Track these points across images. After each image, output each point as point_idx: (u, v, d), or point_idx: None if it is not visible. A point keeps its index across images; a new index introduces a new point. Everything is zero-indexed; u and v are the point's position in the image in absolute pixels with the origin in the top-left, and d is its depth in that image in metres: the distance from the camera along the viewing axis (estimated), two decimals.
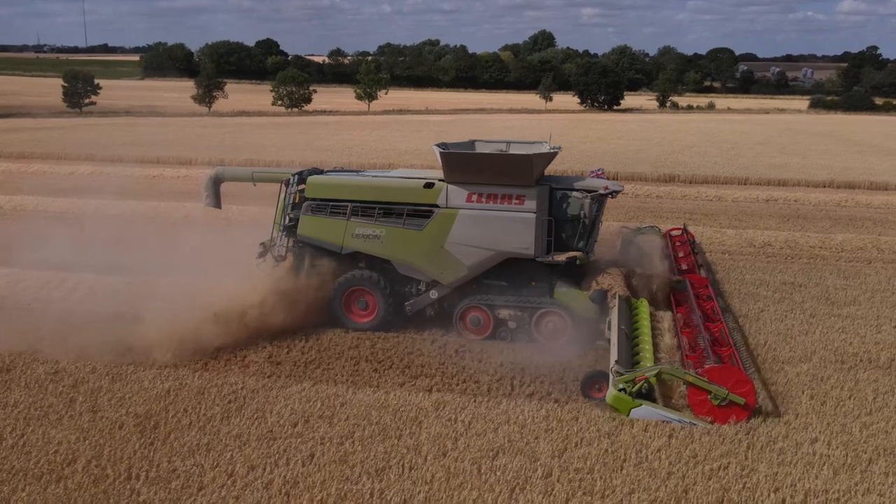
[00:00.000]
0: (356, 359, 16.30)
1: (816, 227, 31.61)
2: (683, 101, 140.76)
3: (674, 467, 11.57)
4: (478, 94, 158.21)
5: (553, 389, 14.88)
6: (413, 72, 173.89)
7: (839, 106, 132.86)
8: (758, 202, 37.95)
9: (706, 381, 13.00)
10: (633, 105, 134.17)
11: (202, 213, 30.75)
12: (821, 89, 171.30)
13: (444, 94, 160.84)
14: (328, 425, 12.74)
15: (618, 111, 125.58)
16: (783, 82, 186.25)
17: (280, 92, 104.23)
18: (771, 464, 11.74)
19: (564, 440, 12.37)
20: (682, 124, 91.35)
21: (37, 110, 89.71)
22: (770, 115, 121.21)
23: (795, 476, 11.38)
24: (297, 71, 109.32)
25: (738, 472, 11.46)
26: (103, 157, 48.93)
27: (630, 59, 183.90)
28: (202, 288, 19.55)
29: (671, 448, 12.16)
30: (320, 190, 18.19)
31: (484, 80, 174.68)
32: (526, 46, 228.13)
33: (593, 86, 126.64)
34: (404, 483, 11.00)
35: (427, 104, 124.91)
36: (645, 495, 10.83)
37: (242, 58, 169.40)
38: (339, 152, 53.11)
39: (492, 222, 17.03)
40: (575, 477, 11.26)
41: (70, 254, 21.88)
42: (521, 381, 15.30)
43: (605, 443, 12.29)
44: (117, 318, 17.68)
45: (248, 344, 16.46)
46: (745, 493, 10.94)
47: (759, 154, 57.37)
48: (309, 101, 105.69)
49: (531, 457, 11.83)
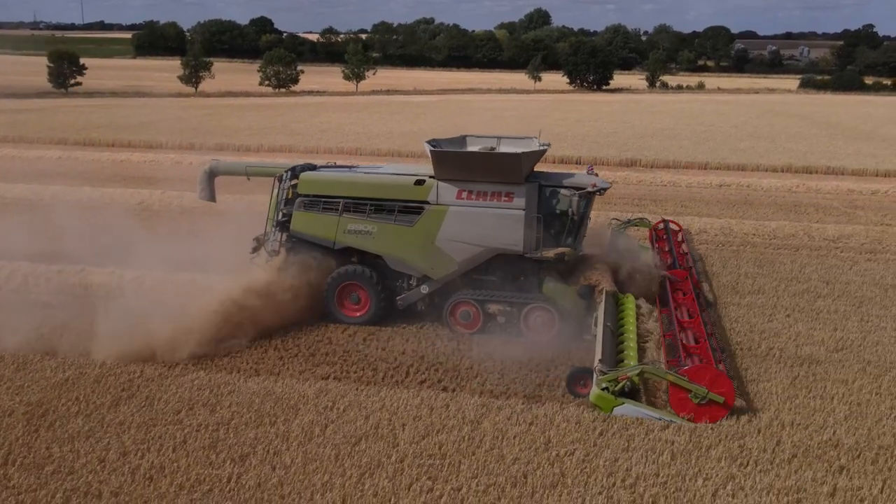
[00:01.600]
0: (265, 347, 16.93)
1: (757, 214, 32.21)
2: (674, 80, 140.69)
3: (522, 453, 12.32)
4: (469, 74, 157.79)
5: (444, 377, 15.60)
6: (406, 51, 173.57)
7: (829, 86, 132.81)
8: (710, 188, 38.52)
9: (687, 380, 13.40)
10: (623, 85, 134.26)
11: (157, 199, 31.80)
12: (814, 68, 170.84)
13: (436, 73, 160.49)
14: (209, 412, 13.49)
15: (607, 91, 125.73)
16: (777, 61, 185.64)
17: (267, 72, 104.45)
18: (615, 449, 12.48)
19: (428, 427, 13.10)
20: (665, 105, 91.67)
21: (23, 90, 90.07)
22: (759, 96, 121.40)
23: (633, 461, 12.13)
24: (284, 51, 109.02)
25: (581, 458, 12.20)
26: (76, 141, 49.53)
27: (624, 38, 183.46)
28: (129, 278, 20.44)
29: (528, 435, 12.90)
30: (313, 186, 18.59)
31: (477, 59, 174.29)
32: (522, 25, 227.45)
33: (582, 66, 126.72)
34: (263, 468, 11.77)
35: (416, 84, 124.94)
36: (485, 479, 11.59)
37: (234, 36, 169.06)
38: (312, 136, 53.60)
39: (481, 219, 17.46)
40: (425, 462, 12.01)
41: (14, 242, 22.53)
42: (416, 368, 15.97)
43: (466, 430, 13.03)
44: (42, 306, 18.48)
45: None
46: (580, 478, 11.68)
47: (728, 137, 57.87)
48: (296, 81, 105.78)
49: (391, 443, 12.58)
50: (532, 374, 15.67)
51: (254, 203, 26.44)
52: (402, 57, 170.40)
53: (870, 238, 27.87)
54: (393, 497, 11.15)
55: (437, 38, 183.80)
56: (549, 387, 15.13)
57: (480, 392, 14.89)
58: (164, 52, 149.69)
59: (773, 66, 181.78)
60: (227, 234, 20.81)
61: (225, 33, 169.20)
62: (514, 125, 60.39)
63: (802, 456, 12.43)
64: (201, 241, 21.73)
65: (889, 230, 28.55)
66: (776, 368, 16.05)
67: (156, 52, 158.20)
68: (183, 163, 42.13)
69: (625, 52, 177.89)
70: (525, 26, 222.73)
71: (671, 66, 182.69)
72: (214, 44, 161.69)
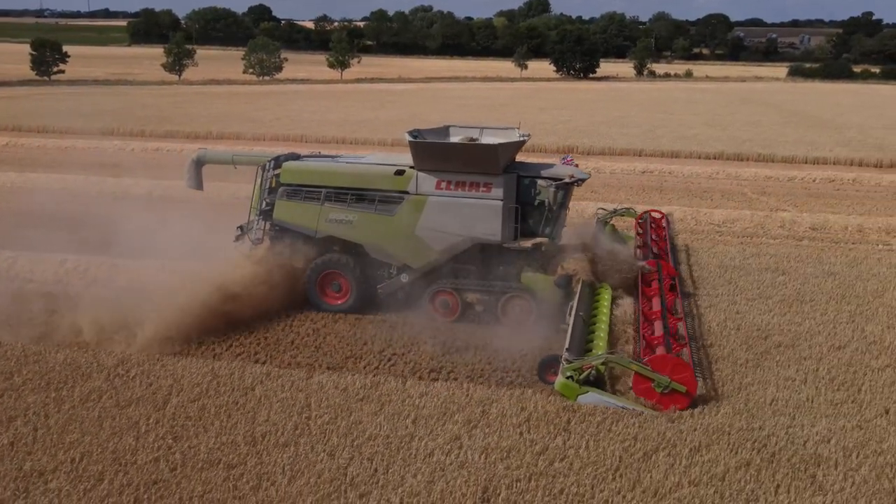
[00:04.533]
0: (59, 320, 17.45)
1: (660, 200, 32.81)
2: (664, 68, 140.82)
3: (276, 416, 13.28)
4: (460, 62, 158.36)
5: (260, 350, 16.49)
6: (400, 39, 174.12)
7: (817, 74, 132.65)
8: (632, 174, 39.30)
9: (650, 369, 13.67)
10: (612, 73, 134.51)
11: (80, 185, 32.80)
12: (809, 57, 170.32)
13: (428, 61, 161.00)
14: (3, 379, 14.54)
15: (592, 80, 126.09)
16: (773, 49, 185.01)
17: (251, 60, 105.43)
18: (363, 413, 13.44)
19: (201, 393, 14.08)
20: (640, 94, 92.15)
21: (7, 79, 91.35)
22: (744, 84, 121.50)
23: (374, 423, 13.08)
24: (267, 39, 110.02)
25: (327, 420, 13.15)
26: (29, 128, 50.71)
27: (619, 26, 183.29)
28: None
29: (292, 401, 13.83)
30: (295, 175, 18.82)
31: (471, 47, 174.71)
32: (521, 12, 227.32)
33: (568, 53, 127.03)
34: (25, 429, 12.78)
35: (404, 73, 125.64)
36: (224, 438, 12.57)
37: (229, 24, 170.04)
38: (265, 123, 54.50)
39: (460, 209, 17.60)
40: (180, 423, 13.01)
41: None
42: (240, 343, 16.80)
43: (237, 395, 14.01)
44: None
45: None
46: (315, 436, 12.63)
47: (681, 125, 58.48)
48: (280, 69, 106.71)
49: (158, 406, 13.56)
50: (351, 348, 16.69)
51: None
52: (395, 45, 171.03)
53: (753, 223, 28.56)
54: (131, 454, 12.13)
55: (434, 27, 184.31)
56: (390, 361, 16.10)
57: (289, 364, 15.83)
58: (159, 39, 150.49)
59: (768, 55, 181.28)
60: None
61: (220, 21, 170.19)
62: (474, 113, 61.32)
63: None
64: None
65: (773, 215, 29.21)
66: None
67: (150, 40, 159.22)
68: (125, 149, 43.30)
69: (619, 39, 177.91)
70: (524, 14, 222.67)
71: (666, 53, 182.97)
72: (209, 31, 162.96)
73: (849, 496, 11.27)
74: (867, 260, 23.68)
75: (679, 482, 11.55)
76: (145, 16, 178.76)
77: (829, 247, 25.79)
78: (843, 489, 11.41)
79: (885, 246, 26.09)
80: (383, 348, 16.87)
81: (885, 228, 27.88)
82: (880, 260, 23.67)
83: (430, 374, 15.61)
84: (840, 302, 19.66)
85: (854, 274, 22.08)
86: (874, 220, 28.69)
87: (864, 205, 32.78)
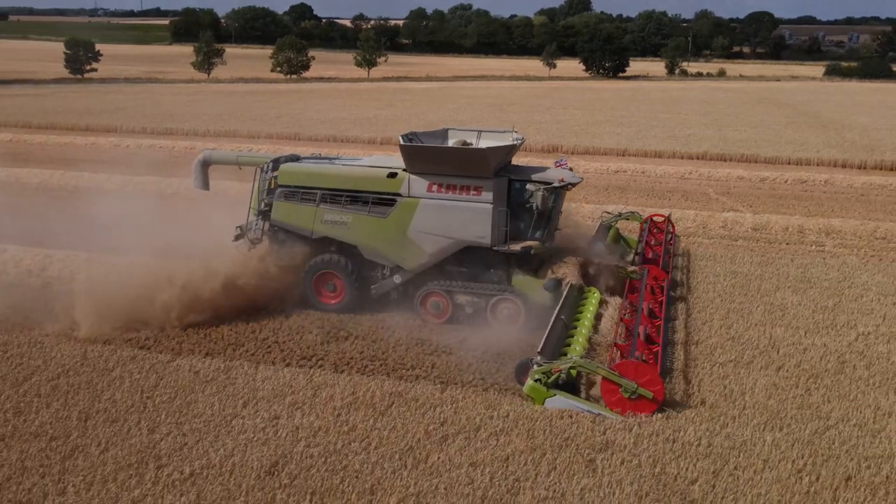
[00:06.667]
0: None
1: (616, 199, 33.20)
2: (695, 67, 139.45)
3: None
4: (493, 61, 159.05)
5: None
6: (435, 37, 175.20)
7: (855, 73, 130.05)
8: (605, 174, 39.59)
9: (617, 375, 13.75)
10: (642, 72, 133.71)
11: (58, 180, 34.39)
12: (853, 55, 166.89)
13: (461, 60, 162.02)
14: None
15: (621, 79, 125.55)
16: (816, 48, 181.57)
17: (279, 59, 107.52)
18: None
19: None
20: (660, 93, 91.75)
21: (41, 77, 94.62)
22: (776, 84, 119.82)
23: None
24: (295, 38, 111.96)
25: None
26: (40, 125, 52.89)
27: (657, 24, 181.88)
28: None
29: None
30: (292, 177, 19.27)
31: (507, 45, 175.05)
32: (562, 11, 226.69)
33: (598, 52, 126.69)
34: None
35: (433, 71, 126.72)
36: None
37: (268, 23, 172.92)
38: (265, 122, 55.92)
39: (451, 212, 17.84)
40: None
41: None
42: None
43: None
44: None
45: None
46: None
47: (680, 125, 58.40)
48: (307, 67, 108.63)
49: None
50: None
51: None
52: (430, 44, 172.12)
53: (696, 223, 28.77)
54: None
55: (469, 26, 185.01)
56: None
57: (171, 350, 16.72)
58: (196, 38, 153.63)
59: (811, 53, 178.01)
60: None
61: (259, 20, 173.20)
62: (479, 112, 62.09)
63: None
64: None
65: (717, 215, 29.37)
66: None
67: (190, 39, 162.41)
68: (121, 146, 45.03)
69: (658, 38, 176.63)
70: (565, 12, 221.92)
71: (706, 52, 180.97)
72: (248, 30, 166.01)
73: (623, 478, 11.80)
74: (780, 260, 23.86)
75: (460, 463, 12.24)
76: (186, 15, 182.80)
77: (761, 247, 26.00)
78: (615, 471, 11.96)
79: (818, 247, 26.20)
80: (267, 336, 17.71)
81: (826, 229, 27.90)
82: (792, 260, 23.82)
83: (300, 362, 16.35)
84: (724, 300, 20.00)
85: (756, 273, 22.34)
86: (817, 222, 28.68)
87: (822, 206, 32.73)
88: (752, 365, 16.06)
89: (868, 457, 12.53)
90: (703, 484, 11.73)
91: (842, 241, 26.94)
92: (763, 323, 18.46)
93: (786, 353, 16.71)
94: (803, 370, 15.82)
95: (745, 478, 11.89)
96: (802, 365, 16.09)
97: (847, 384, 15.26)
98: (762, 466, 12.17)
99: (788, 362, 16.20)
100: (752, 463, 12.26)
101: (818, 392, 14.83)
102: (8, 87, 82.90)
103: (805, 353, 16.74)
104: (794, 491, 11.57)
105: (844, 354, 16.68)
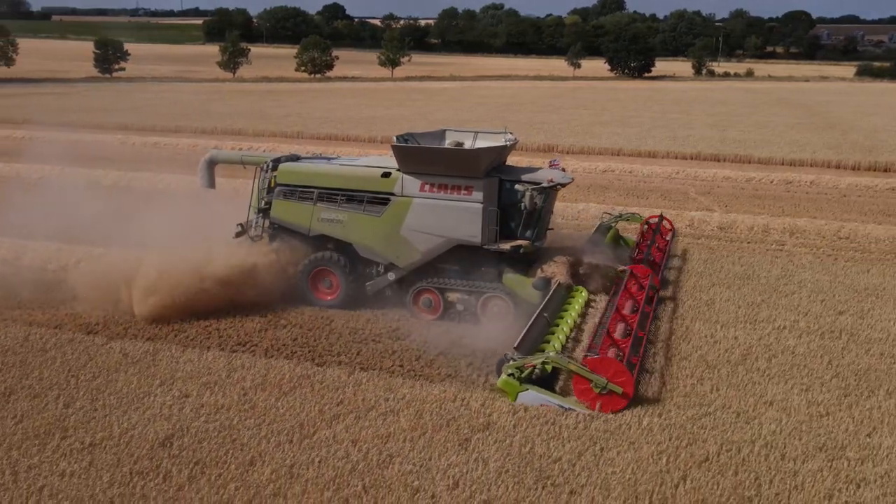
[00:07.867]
0: None
1: (596, 198, 33.71)
2: (723, 67, 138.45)
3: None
4: (521, 60, 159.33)
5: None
6: (465, 37, 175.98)
7: (886, 74, 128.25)
8: (594, 173, 39.97)
9: (587, 370, 14.08)
10: (668, 72, 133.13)
11: (37, 175, 35.62)
12: (889, 56, 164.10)
13: (489, 60, 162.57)
14: None
15: (647, 79, 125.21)
16: (851, 48, 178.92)
17: (303, 58, 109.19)
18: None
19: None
20: (678, 93, 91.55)
21: (73, 77, 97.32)
22: (802, 84, 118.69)
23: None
24: (319, 37, 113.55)
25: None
26: (48, 123, 54.32)
27: (688, 24, 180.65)
28: None
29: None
30: (290, 176, 19.87)
31: (536, 45, 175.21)
32: (594, 10, 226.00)
33: (623, 52, 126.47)
34: None
35: (458, 71, 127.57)
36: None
37: (299, 23, 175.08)
38: (273, 120, 57.12)
39: (443, 211, 18.28)
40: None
41: None
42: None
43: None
44: None
45: None
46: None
47: (683, 126, 58.51)
48: (331, 67, 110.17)
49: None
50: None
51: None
52: (460, 43, 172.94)
53: None
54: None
55: (499, 26, 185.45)
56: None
57: (119, 336, 17.69)
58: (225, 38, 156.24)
59: (847, 53, 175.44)
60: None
61: (290, 20, 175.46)
62: (485, 112, 62.74)
63: None
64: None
65: (685, 214, 29.74)
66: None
67: (223, 38, 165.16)
68: (127, 143, 46.52)
69: (689, 37, 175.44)
70: (598, 12, 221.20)
71: (738, 52, 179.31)
72: (279, 30, 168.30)
73: (490, 456, 12.50)
74: (728, 258, 24.28)
75: (342, 439, 13.04)
76: (219, 14, 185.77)
77: (722, 245, 26.39)
78: (486, 450, 12.66)
79: (778, 246, 26.52)
80: (210, 322, 18.61)
81: (791, 229, 28.16)
82: (740, 259, 24.20)
83: (233, 347, 17.18)
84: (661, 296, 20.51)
85: (698, 270, 22.80)
86: (783, 221, 28.92)
87: (798, 206, 32.88)
88: (657, 356, 16.64)
89: (733, 441, 13.09)
90: (563, 463, 12.39)
91: (804, 240, 27.23)
92: (684, 317, 19.01)
93: (695, 345, 17.25)
94: (703, 361, 16.36)
95: (606, 458, 12.53)
96: (707, 356, 16.62)
97: (742, 374, 15.78)
98: (626, 448, 12.81)
99: (693, 354, 16.74)
100: (618, 445, 12.90)
101: (710, 381, 15.38)
102: (38, 85, 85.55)
103: (714, 345, 17.26)
104: (646, 470, 12.19)
105: (752, 347, 17.19)
